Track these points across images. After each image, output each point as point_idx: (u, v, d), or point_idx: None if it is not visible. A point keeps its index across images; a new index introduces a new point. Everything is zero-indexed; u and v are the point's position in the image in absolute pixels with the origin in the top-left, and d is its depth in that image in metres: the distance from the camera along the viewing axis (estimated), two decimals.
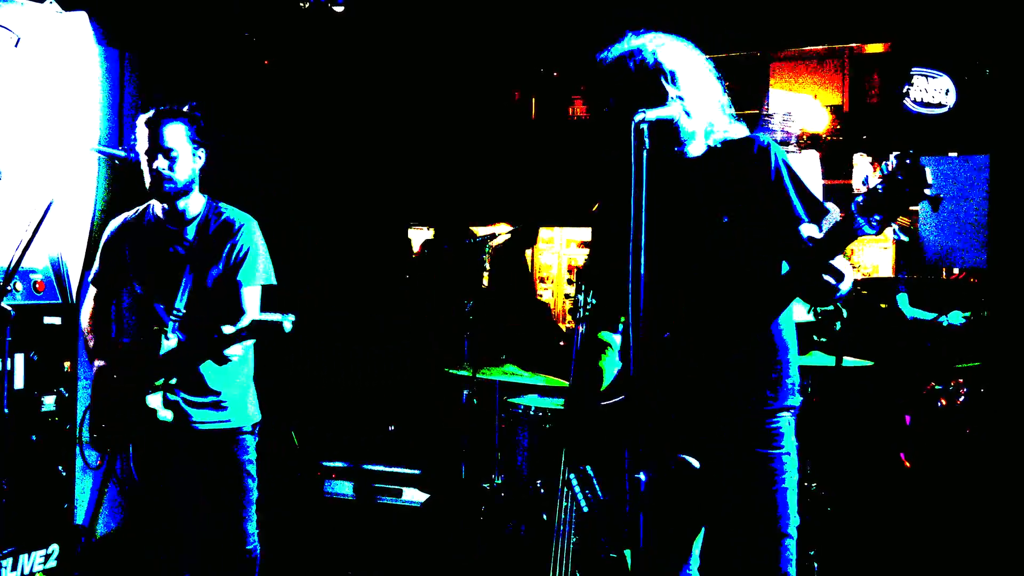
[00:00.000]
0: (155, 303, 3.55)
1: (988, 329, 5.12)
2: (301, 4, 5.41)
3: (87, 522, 4.61)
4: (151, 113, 3.47)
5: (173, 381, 3.40)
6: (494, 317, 5.81)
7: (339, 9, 5.45)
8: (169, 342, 3.40)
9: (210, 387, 3.52)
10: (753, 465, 2.52)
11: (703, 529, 2.67)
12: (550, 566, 3.62)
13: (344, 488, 5.18)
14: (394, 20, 6.20)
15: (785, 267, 2.53)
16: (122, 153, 3.44)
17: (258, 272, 3.55)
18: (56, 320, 4.39)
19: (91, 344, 3.64)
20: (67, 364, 4.44)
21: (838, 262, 2.29)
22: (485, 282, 5.16)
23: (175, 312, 3.47)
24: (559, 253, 9.28)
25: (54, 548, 4.38)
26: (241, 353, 3.36)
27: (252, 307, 3.52)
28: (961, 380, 5.08)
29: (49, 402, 4.36)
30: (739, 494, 2.53)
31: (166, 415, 3.39)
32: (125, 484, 3.91)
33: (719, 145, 2.59)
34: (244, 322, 3.24)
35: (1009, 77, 4.89)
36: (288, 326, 3.21)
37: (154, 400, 3.37)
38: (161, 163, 3.42)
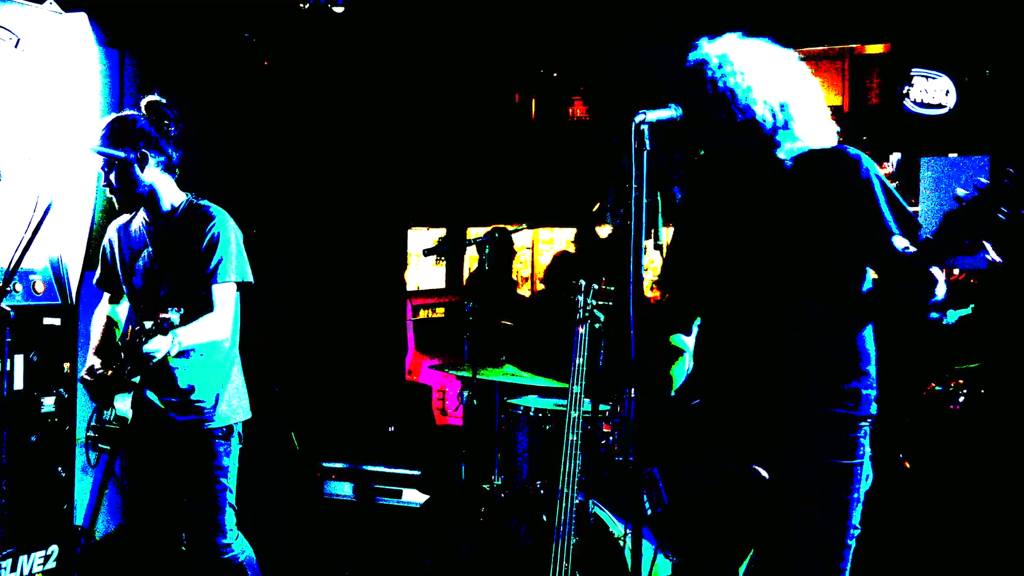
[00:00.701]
0: (135, 301, 3.57)
1: (988, 329, 5.12)
2: (301, 4, 5.41)
3: (87, 523, 4.61)
4: (103, 124, 3.50)
5: (136, 380, 3.34)
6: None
7: (339, 9, 5.45)
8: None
9: (179, 386, 3.48)
10: (829, 474, 2.50)
11: (751, 552, 2.65)
12: (550, 566, 3.61)
13: (344, 489, 5.17)
14: (394, 21, 6.20)
15: (869, 280, 2.52)
16: (122, 154, 3.43)
17: (231, 267, 3.46)
18: (56, 321, 4.38)
19: (92, 346, 3.66)
20: (67, 365, 4.43)
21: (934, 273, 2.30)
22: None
23: (145, 308, 3.46)
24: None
25: (54, 549, 4.38)
26: (165, 349, 3.20)
27: (224, 304, 3.43)
28: (961, 380, 5.07)
29: (49, 403, 4.35)
30: (811, 503, 2.51)
31: (126, 411, 3.35)
32: (124, 484, 3.90)
33: (804, 153, 2.57)
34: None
35: (1009, 77, 4.89)
36: (176, 319, 3.12)
37: (122, 398, 3.35)
38: (111, 175, 3.47)
